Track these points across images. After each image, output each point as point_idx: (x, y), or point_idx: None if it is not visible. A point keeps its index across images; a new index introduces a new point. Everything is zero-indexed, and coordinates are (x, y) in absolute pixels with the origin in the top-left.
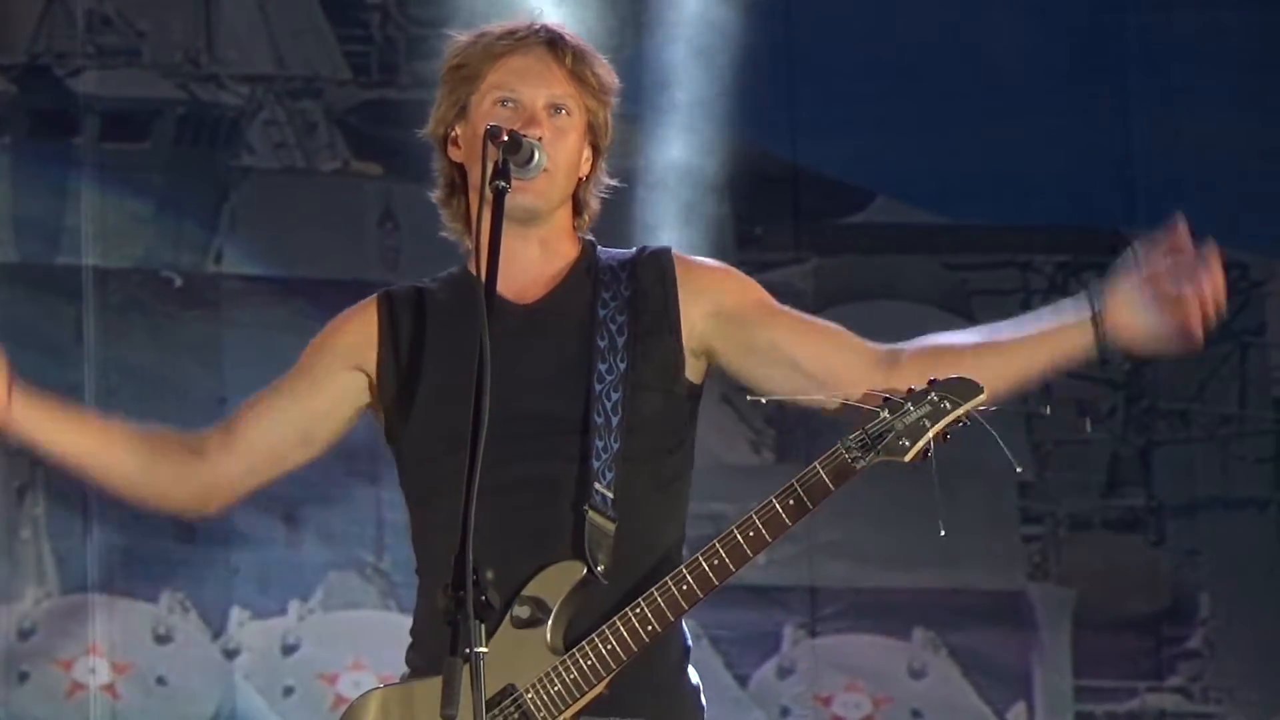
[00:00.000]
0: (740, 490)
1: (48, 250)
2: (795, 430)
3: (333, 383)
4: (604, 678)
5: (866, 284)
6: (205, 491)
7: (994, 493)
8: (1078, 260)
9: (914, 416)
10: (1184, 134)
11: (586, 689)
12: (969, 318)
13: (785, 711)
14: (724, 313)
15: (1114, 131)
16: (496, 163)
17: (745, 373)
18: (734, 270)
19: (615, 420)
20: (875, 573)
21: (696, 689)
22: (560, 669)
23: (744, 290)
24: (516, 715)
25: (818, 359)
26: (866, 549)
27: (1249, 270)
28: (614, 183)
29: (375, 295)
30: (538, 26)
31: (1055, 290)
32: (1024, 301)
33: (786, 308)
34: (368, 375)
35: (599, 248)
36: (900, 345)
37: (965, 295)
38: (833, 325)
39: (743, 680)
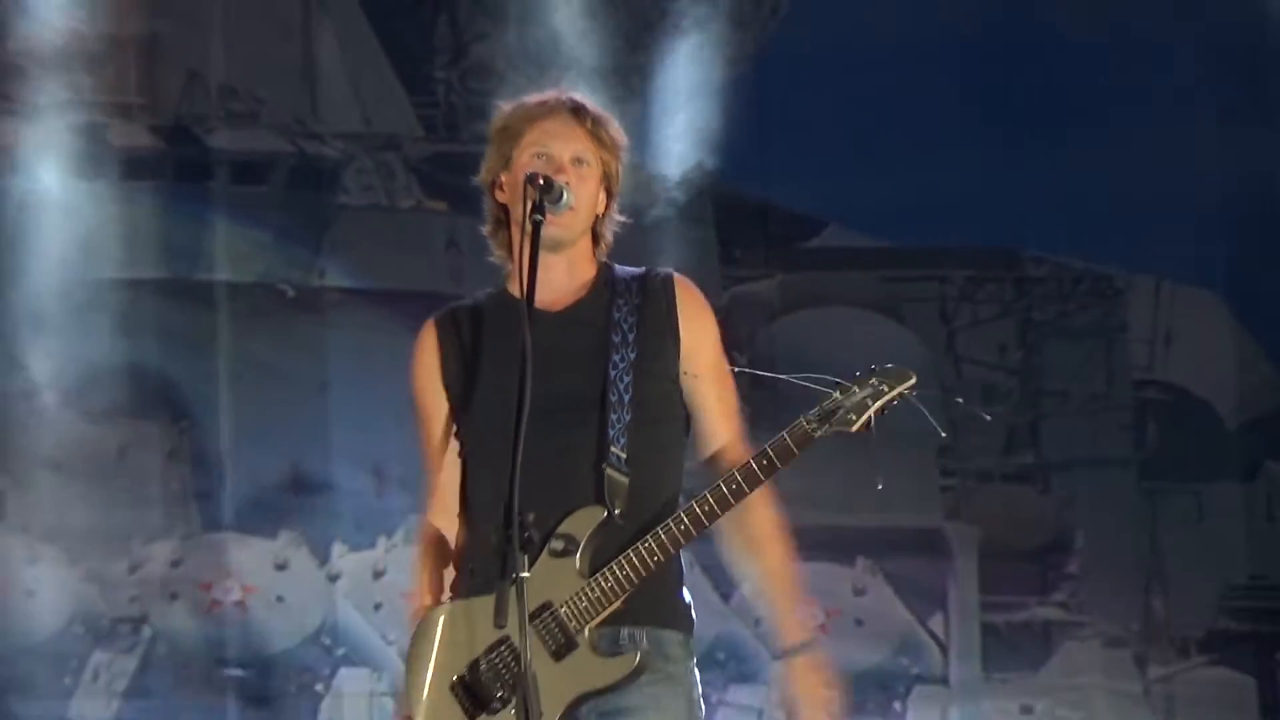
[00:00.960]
0: None
1: (190, 269)
2: (766, 408)
3: (446, 411)
4: (621, 596)
5: (821, 294)
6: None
7: (918, 453)
8: (981, 274)
9: (859, 396)
10: (1063, 176)
11: (607, 605)
12: (900, 319)
13: (757, 622)
14: (694, 360)
15: (1009, 173)
16: (534, 201)
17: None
18: (714, 327)
19: (627, 399)
20: (826, 515)
21: (688, 605)
22: (587, 589)
23: (711, 351)
24: (553, 624)
25: (702, 430)
26: (820, 496)
27: (1114, 280)
28: (623, 219)
29: (429, 322)
30: (565, 97)
31: (965, 298)
32: (941, 307)
33: (724, 375)
34: (446, 386)
35: (615, 266)
36: (727, 466)
37: (897, 303)
38: (733, 416)
39: (725, 597)
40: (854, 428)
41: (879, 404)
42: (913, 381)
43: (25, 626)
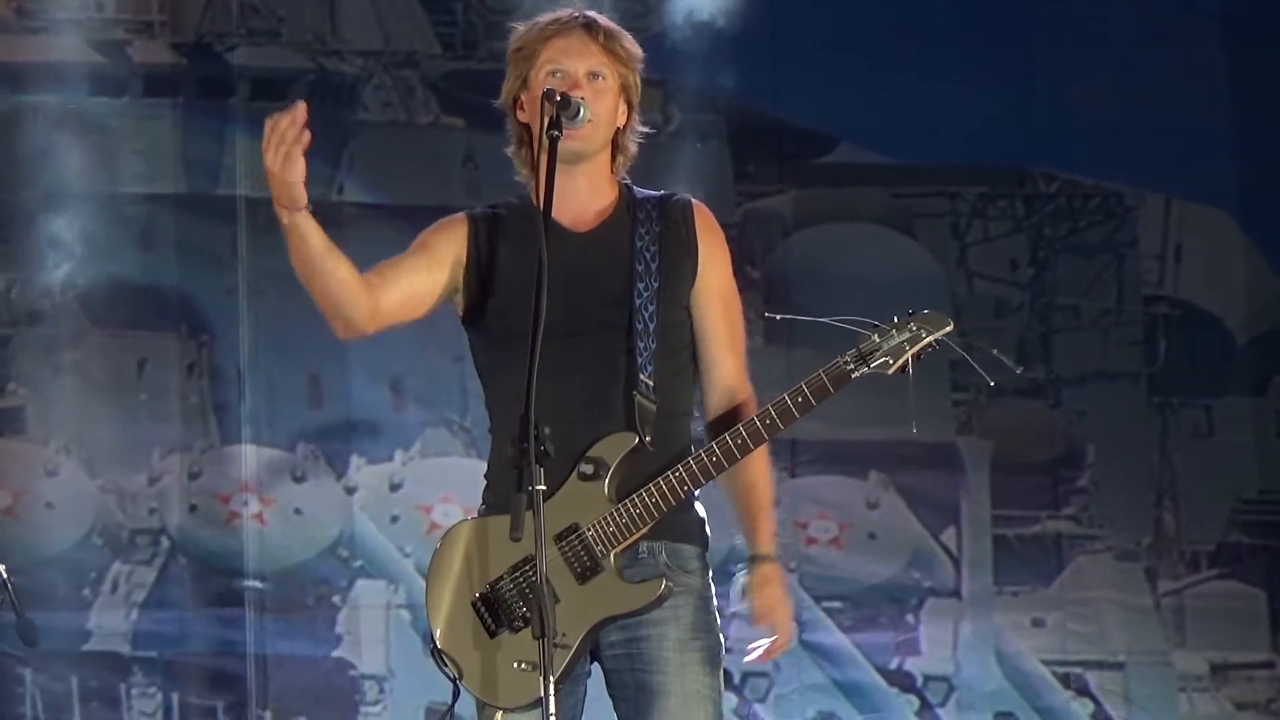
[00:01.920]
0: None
1: (210, 184)
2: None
3: (444, 262)
4: (648, 524)
5: (833, 210)
6: (369, 313)
7: (931, 366)
8: (993, 190)
9: (896, 340)
10: (1074, 95)
11: (634, 530)
12: (911, 234)
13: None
14: (706, 286)
15: (1021, 93)
16: (552, 117)
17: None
18: (727, 256)
19: (652, 327)
20: (842, 429)
21: (703, 520)
22: (614, 514)
23: (723, 280)
24: (580, 547)
25: (706, 356)
26: (835, 411)
27: (1124, 198)
28: (646, 130)
29: (464, 214)
30: (578, 14)
31: (976, 214)
32: (953, 224)
33: (734, 305)
34: (461, 270)
35: (634, 188)
36: (731, 400)
37: (908, 218)
38: (739, 346)
39: None
40: (890, 371)
41: (916, 348)
42: (950, 328)
43: (45, 538)
